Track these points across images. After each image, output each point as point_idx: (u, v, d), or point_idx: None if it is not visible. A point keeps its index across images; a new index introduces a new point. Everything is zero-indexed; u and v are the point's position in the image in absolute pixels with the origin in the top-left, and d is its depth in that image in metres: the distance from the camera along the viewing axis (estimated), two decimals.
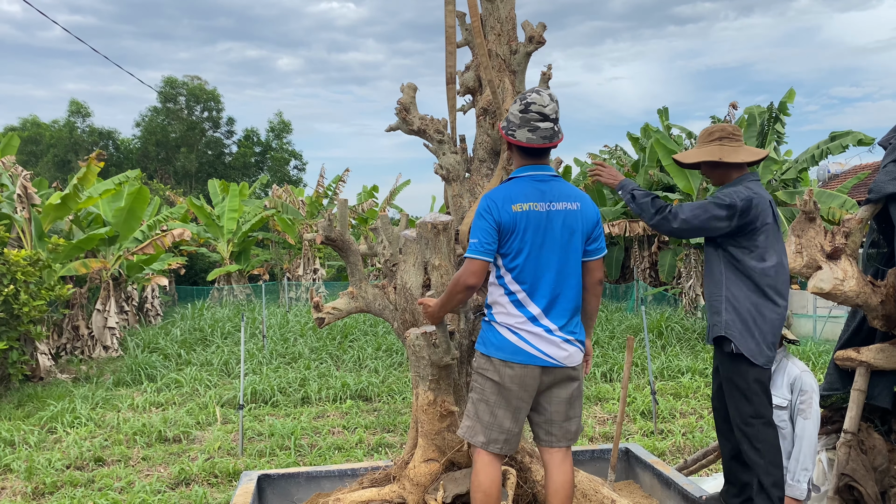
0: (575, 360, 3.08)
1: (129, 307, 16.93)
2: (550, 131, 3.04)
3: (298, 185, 46.47)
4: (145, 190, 13.85)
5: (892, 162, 3.76)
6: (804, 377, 3.68)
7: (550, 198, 3.03)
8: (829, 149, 14.94)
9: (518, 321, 3.01)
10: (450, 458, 3.24)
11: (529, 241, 2.99)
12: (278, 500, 4.12)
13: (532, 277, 3.00)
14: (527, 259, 3.00)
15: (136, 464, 7.27)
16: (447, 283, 3.33)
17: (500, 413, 3.01)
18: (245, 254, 23.67)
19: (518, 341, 2.99)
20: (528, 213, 2.99)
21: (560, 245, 3.02)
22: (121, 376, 11.30)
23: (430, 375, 3.07)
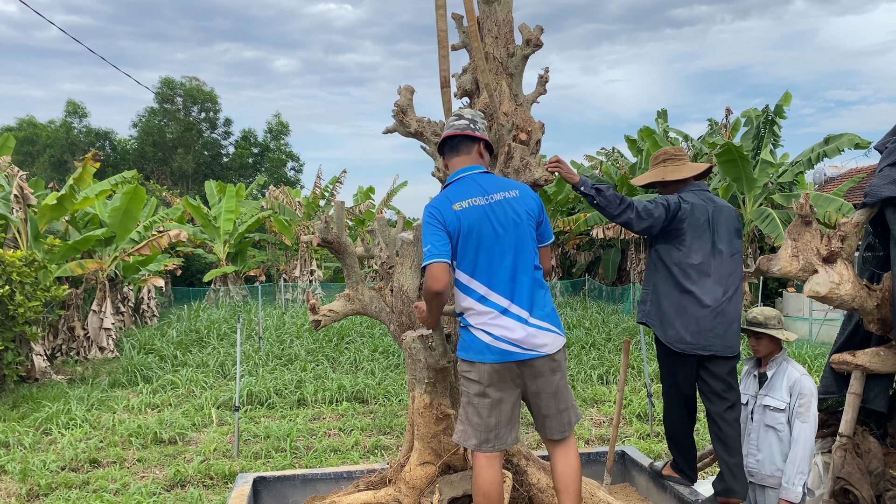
0: (554, 347, 3.08)
1: (125, 308, 16.89)
2: (463, 125, 3.18)
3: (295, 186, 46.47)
4: (142, 190, 13.83)
5: (888, 166, 3.76)
6: (803, 381, 3.68)
7: (489, 191, 3.10)
8: (826, 152, 14.99)
9: (490, 317, 3.01)
10: (446, 461, 3.24)
11: (476, 236, 3.03)
12: (274, 503, 4.11)
13: (488, 270, 3.03)
14: (477, 254, 3.03)
15: (131, 465, 7.25)
16: None
17: (485, 412, 3.02)
18: (241, 255, 23.64)
19: (492, 340, 3.00)
20: (469, 209, 3.05)
21: (508, 233, 3.05)
22: (116, 377, 11.27)
23: (426, 378, 3.06)
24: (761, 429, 3.76)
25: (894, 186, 3.65)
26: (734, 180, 15.01)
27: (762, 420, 3.77)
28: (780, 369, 3.78)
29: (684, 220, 3.77)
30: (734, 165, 14.47)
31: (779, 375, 3.76)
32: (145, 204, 15.46)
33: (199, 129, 45.92)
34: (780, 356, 3.83)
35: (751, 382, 3.92)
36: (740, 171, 14.56)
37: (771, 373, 3.79)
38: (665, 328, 3.83)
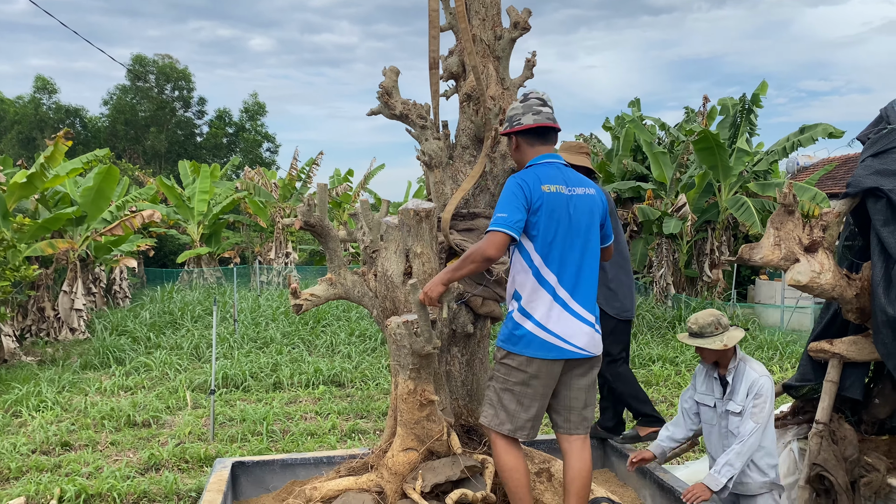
0: (598, 346, 3.13)
1: (96, 289, 16.64)
2: (552, 115, 3.15)
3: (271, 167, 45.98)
4: (114, 170, 13.56)
5: (870, 156, 3.79)
6: (762, 381, 3.63)
7: (570, 183, 3.09)
8: (800, 141, 15.16)
9: (548, 309, 3.00)
10: (429, 447, 3.22)
11: (556, 223, 3.01)
12: (252, 488, 4.07)
13: (560, 260, 3.02)
14: (554, 241, 3.01)
15: (104, 448, 7.15)
16: (429, 270, 3.30)
17: (527, 402, 3.05)
18: (216, 236, 23.35)
19: (548, 336, 2.99)
20: (556, 194, 3.02)
21: (583, 229, 3.07)
22: (88, 359, 11.10)
23: (410, 364, 3.03)
24: (728, 436, 3.75)
25: (876, 177, 3.67)
26: (710, 168, 15.12)
27: (726, 426, 3.76)
28: (739, 372, 3.70)
29: None
30: (710, 153, 14.58)
31: (738, 379, 3.69)
32: (118, 183, 15.15)
33: (173, 107, 45.13)
34: (738, 358, 3.76)
35: (714, 385, 3.83)
36: (716, 159, 14.67)
37: (731, 377, 3.72)
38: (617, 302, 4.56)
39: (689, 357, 10.92)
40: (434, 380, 3.19)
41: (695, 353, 10.94)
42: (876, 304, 3.66)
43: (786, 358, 11.02)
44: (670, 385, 9.59)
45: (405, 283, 3.31)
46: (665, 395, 9.01)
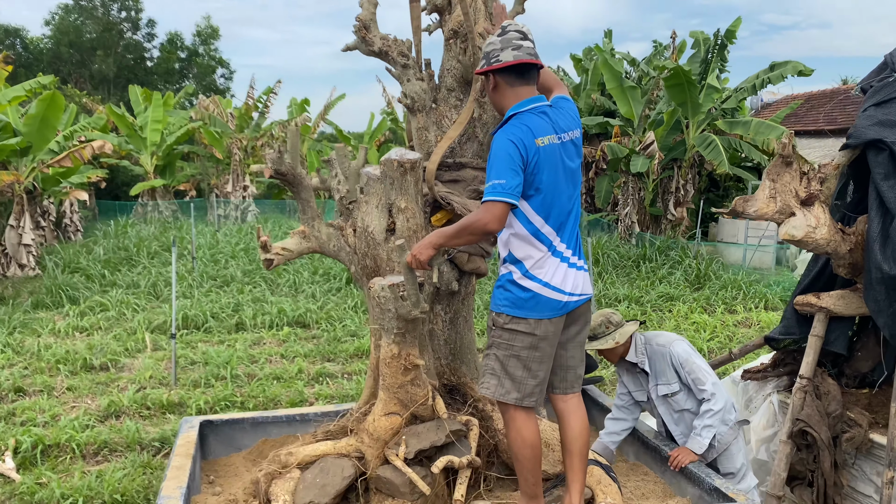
0: (590, 288, 3.02)
1: (45, 223, 15.97)
2: (533, 50, 2.87)
3: (226, 95, 44.40)
4: (60, 97, 12.77)
5: (872, 105, 3.62)
6: (675, 349, 3.58)
7: (560, 129, 2.87)
8: (770, 78, 15.05)
9: (553, 267, 2.85)
10: (413, 411, 3.05)
11: (554, 179, 2.82)
12: (222, 448, 3.88)
13: (559, 216, 2.86)
14: (553, 198, 2.83)
15: (60, 395, 6.88)
16: (413, 227, 3.06)
17: (535, 366, 2.88)
18: (170, 168, 22.50)
19: (555, 294, 2.85)
20: (549, 147, 2.81)
21: (571, 175, 2.92)
22: (39, 298, 10.66)
23: (395, 329, 2.83)
24: (679, 417, 3.68)
25: (879, 128, 3.51)
26: (679, 105, 14.94)
27: (671, 409, 3.68)
28: (651, 355, 3.65)
29: None
30: (681, 90, 14.37)
31: (655, 362, 3.63)
32: (64, 111, 14.34)
33: (120, 29, 42.88)
34: (643, 343, 3.69)
35: (639, 379, 3.76)
36: (686, 96, 14.48)
37: (647, 365, 3.65)
38: None
39: (654, 297, 10.99)
40: (419, 342, 3.00)
41: (660, 294, 11.03)
42: (871, 261, 3.55)
43: (749, 298, 11.14)
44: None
45: (388, 241, 3.08)
46: None
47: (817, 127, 22.03)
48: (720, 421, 3.53)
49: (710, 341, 8.56)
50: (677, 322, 9.65)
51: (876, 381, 4.12)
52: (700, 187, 17.74)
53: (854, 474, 3.91)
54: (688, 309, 10.29)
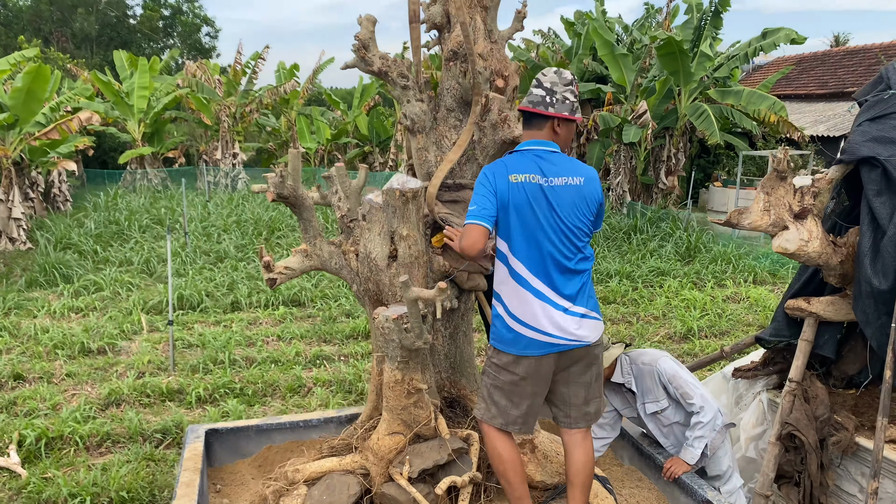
0: (594, 336, 2.99)
1: (34, 194, 15.84)
2: (539, 98, 2.92)
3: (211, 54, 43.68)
4: (45, 69, 12.55)
5: (867, 121, 3.66)
6: (660, 366, 3.67)
7: (550, 172, 2.89)
8: (762, 46, 14.96)
9: (529, 305, 2.90)
10: (416, 431, 3.14)
11: (527, 216, 2.87)
12: (228, 455, 3.98)
13: (537, 254, 2.89)
14: (524, 234, 2.88)
15: (59, 381, 6.94)
16: (415, 253, 3.11)
17: (517, 399, 2.98)
18: (158, 135, 22.24)
19: (531, 333, 2.90)
20: (524, 184, 2.87)
21: (561, 219, 2.90)
22: (33, 276, 10.65)
23: (399, 357, 2.90)
24: (668, 430, 3.78)
25: (873, 144, 3.56)
26: (671, 73, 14.87)
27: (660, 424, 3.78)
28: (637, 374, 3.73)
29: None
30: (673, 59, 14.29)
31: (641, 380, 3.72)
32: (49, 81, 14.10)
33: None
34: (625, 364, 3.77)
35: (626, 398, 3.85)
36: (678, 64, 14.41)
37: (631, 383, 3.74)
38: None
39: (645, 271, 11.10)
40: (421, 368, 3.07)
41: (650, 268, 11.14)
42: (861, 274, 3.63)
43: (738, 271, 11.28)
44: (627, 302, 9.76)
45: (391, 267, 3.12)
46: (623, 314, 9.17)
47: (808, 91, 22.03)
48: (710, 430, 3.65)
49: (700, 319, 8.70)
50: (668, 298, 9.78)
51: (862, 382, 4.24)
52: (691, 154, 17.77)
53: (840, 474, 4.05)
54: (678, 284, 10.42)
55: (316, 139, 24.05)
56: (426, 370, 3.23)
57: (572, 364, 3.02)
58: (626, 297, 9.92)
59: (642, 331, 8.42)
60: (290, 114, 24.58)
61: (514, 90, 3.33)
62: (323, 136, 23.85)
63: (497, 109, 3.16)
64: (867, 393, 4.22)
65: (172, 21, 43.86)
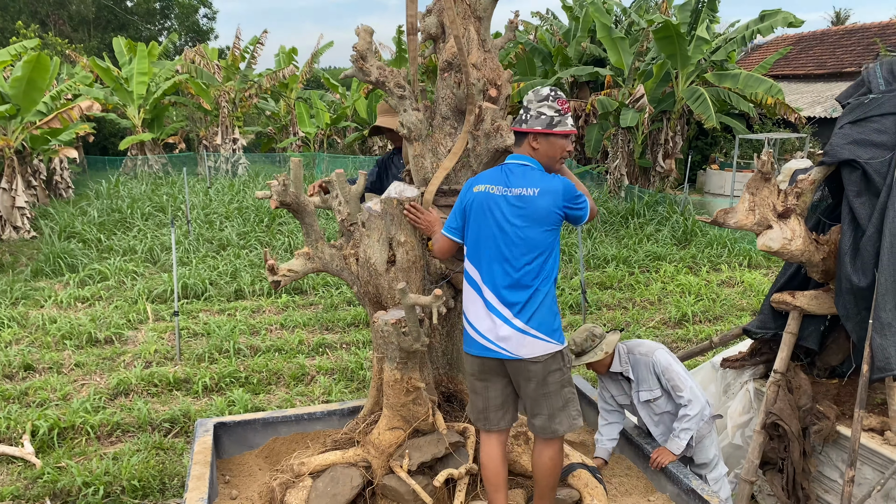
0: (529, 353, 3.00)
1: (36, 182, 15.96)
2: (518, 116, 3.14)
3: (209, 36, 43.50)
4: (45, 58, 12.61)
5: (848, 123, 3.79)
6: (656, 357, 3.81)
7: (511, 183, 3.03)
8: (760, 30, 15.02)
9: (477, 308, 3.07)
10: (415, 426, 3.31)
11: (481, 223, 3.05)
12: (236, 447, 4.16)
13: (486, 260, 3.04)
14: (478, 240, 3.06)
15: (69, 371, 7.13)
16: (413, 259, 3.26)
17: (474, 396, 3.21)
18: (158, 121, 22.29)
19: (475, 334, 3.07)
20: (484, 193, 3.07)
21: (515, 229, 2.99)
22: (39, 266, 10.81)
23: (397, 358, 3.06)
24: (659, 419, 3.94)
25: (853, 147, 3.69)
26: (668, 57, 14.91)
27: (652, 413, 3.94)
28: (633, 364, 3.87)
29: None
30: (670, 42, 14.34)
31: (637, 369, 3.86)
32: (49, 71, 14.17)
33: None
34: (622, 353, 3.91)
35: (622, 385, 3.99)
36: (675, 48, 14.45)
37: (630, 373, 3.89)
38: None
39: (641, 256, 11.25)
40: (420, 365, 3.23)
41: (647, 252, 11.28)
42: (841, 272, 3.79)
43: (733, 255, 11.43)
44: (624, 287, 9.92)
45: (389, 272, 3.27)
46: (620, 300, 9.33)
47: (806, 71, 22.02)
48: (697, 421, 3.81)
49: (695, 305, 8.86)
50: (664, 283, 9.94)
51: (845, 372, 4.41)
52: (689, 136, 17.84)
53: (822, 460, 4.23)
54: (674, 269, 10.58)
55: (315, 123, 24.12)
56: (424, 368, 3.39)
57: (517, 375, 3.09)
58: (623, 283, 10.08)
59: (638, 316, 8.59)
60: (290, 98, 24.60)
61: (506, 99, 3.46)
62: (322, 120, 23.90)
63: (490, 119, 3.29)
64: (850, 383, 4.39)
65: (170, 3, 43.62)
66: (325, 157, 22.27)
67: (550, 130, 3.04)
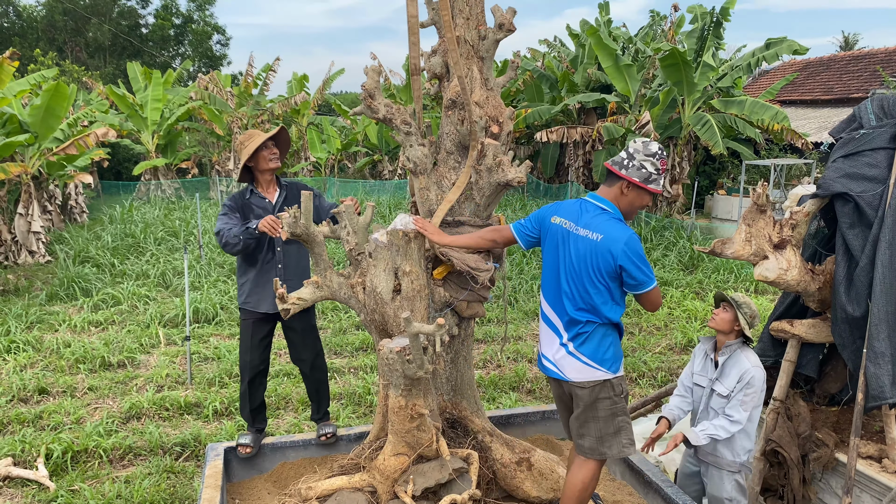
0: (579, 377, 3.26)
1: (52, 206, 16.24)
2: (619, 159, 3.27)
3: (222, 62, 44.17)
4: (63, 87, 12.93)
5: (840, 157, 3.90)
6: (755, 372, 3.83)
7: (581, 222, 3.23)
8: (765, 57, 15.17)
9: (542, 328, 3.43)
10: (420, 452, 3.41)
11: (551, 253, 3.33)
12: (245, 471, 4.26)
13: (552, 289, 3.33)
14: (548, 268, 3.36)
15: (82, 395, 7.25)
16: (418, 288, 3.38)
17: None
18: (171, 146, 22.65)
19: (540, 351, 3.44)
20: (558, 227, 3.31)
21: (574, 268, 3.22)
22: (53, 290, 11.00)
23: (402, 385, 3.16)
24: (710, 412, 4.00)
25: (846, 181, 3.80)
26: (675, 84, 15.09)
27: (709, 402, 4.01)
28: (734, 357, 3.91)
29: None
30: (676, 70, 14.51)
31: (731, 363, 3.91)
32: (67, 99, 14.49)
33: None
34: (735, 344, 3.96)
35: (708, 366, 4.05)
36: (682, 75, 14.62)
37: (723, 359, 3.95)
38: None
39: None
40: (424, 392, 3.33)
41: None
42: (836, 302, 3.88)
43: (740, 280, 11.48)
44: (630, 312, 9.99)
45: (395, 300, 3.39)
46: (627, 325, 9.40)
47: (813, 97, 22.13)
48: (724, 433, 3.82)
49: (701, 330, 8.92)
50: (670, 309, 10.01)
51: (843, 400, 4.47)
52: (696, 161, 17.96)
53: (821, 487, 4.29)
54: (681, 295, 10.64)
55: (326, 148, 24.43)
56: (428, 395, 3.49)
57: (564, 394, 3.40)
58: (630, 307, 10.15)
59: (644, 342, 8.65)
60: (301, 123, 24.94)
61: (507, 135, 3.60)
62: (333, 145, 24.21)
63: (492, 154, 3.43)
64: (848, 410, 4.45)
65: (183, 30, 44.41)
66: (335, 181, 22.51)
67: (645, 185, 3.19)
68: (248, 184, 4.47)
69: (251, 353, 4.41)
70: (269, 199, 4.41)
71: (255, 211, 4.34)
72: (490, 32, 3.61)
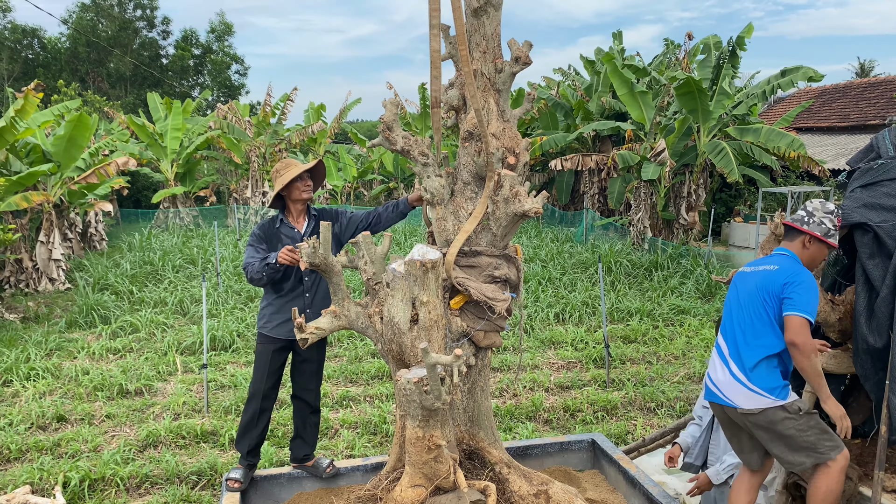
0: (747, 403, 3.47)
1: (72, 234, 16.44)
2: (799, 217, 3.63)
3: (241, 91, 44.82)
4: (86, 118, 13.18)
5: (859, 187, 3.89)
6: None
7: (762, 262, 3.62)
8: (780, 84, 15.18)
9: (712, 359, 3.71)
10: (437, 484, 3.39)
11: (733, 296, 3.71)
12: (262, 501, 4.25)
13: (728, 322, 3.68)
14: (728, 308, 3.71)
15: (100, 423, 7.28)
16: (435, 318, 3.39)
17: None
18: (190, 174, 22.96)
19: (707, 381, 3.69)
20: (740, 273, 3.76)
21: (749, 301, 3.56)
22: (73, 317, 11.11)
23: (419, 416, 3.16)
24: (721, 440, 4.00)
25: (864, 210, 3.78)
26: (690, 112, 15.12)
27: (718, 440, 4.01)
28: None
29: None
30: (691, 98, 14.56)
31: None
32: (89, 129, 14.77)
33: (136, 27, 43.38)
34: None
35: None
36: (697, 103, 14.66)
37: None
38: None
39: (665, 309, 11.25)
40: (441, 423, 3.32)
41: (671, 306, 11.26)
42: (858, 332, 3.84)
43: None
44: (648, 341, 9.92)
45: (412, 330, 3.40)
46: (644, 354, 9.33)
47: (830, 123, 22.07)
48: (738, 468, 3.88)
49: None
50: (688, 338, 9.92)
51: (867, 432, 4.40)
52: (713, 188, 17.92)
53: None
54: (698, 323, 10.56)
55: (342, 176, 24.66)
56: (446, 426, 3.48)
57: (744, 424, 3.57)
58: (647, 336, 10.08)
59: (662, 371, 8.58)
60: (318, 152, 25.20)
61: (524, 166, 3.62)
62: (349, 173, 24.44)
63: (509, 185, 3.45)
64: (872, 443, 4.37)
65: (203, 60, 45.18)
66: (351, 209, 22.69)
67: (825, 239, 3.57)
68: (279, 212, 4.50)
69: (266, 382, 4.41)
70: (299, 228, 4.46)
71: (284, 241, 4.37)
72: (506, 65, 3.66)
